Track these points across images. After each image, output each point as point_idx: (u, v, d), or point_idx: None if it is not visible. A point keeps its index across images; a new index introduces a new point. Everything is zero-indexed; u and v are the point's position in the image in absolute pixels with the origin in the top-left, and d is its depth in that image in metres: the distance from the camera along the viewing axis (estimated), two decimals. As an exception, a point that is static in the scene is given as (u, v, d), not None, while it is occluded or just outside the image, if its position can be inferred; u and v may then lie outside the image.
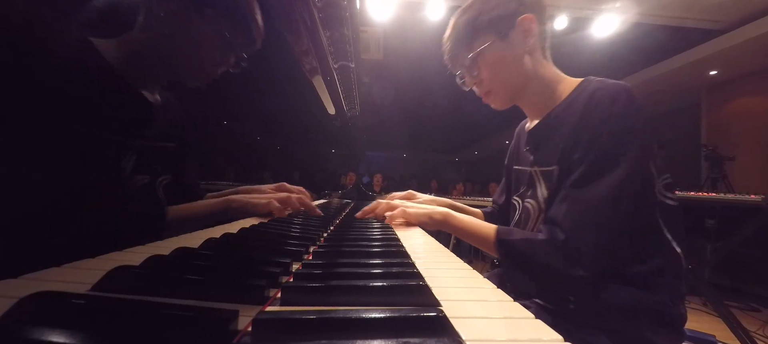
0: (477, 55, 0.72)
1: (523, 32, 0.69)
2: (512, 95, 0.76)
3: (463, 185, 6.70)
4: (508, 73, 0.72)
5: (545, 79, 0.73)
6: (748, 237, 2.47)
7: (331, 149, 10.69)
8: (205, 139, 7.94)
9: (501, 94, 0.76)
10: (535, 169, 0.73)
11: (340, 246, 0.49)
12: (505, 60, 0.71)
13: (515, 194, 0.82)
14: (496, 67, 0.72)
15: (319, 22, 0.68)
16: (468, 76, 0.77)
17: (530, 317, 0.27)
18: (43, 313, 0.19)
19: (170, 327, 0.20)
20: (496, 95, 0.76)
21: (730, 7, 3.04)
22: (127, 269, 0.28)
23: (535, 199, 0.73)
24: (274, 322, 0.20)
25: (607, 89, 0.61)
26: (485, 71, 0.73)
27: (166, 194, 0.78)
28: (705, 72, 4.09)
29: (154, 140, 0.73)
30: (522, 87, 0.74)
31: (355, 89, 1.23)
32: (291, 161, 10.43)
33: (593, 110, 0.61)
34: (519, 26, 0.69)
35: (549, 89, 0.72)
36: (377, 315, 0.21)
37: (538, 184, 0.72)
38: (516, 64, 0.71)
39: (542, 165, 0.71)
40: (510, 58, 0.71)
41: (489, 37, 0.71)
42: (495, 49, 0.71)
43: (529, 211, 0.75)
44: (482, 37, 0.71)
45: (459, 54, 0.76)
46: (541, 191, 0.72)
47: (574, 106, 0.66)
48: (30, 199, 0.49)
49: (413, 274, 0.34)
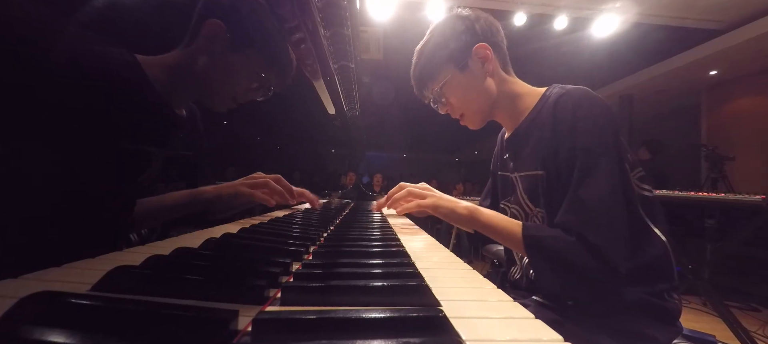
0: (442, 87, 0.77)
1: (480, 59, 0.74)
2: (483, 116, 0.80)
3: (463, 185, 6.70)
4: (475, 99, 0.77)
5: (512, 94, 0.77)
6: (748, 237, 2.46)
7: (331, 149, 10.69)
8: (205, 139, 7.91)
9: (473, 116, 0.80)
10: (516, 175, 0.77)
11: (340, 246, 0.49)
12: (468, 87, 0.76)
13: (503, 200, 0.85)
14: (462, 95, 0.77)
15: (319, 22, 0.68)
16: (439, 104, 0.82)
17: (530, 317, 0.27)
18: (43, 313, 0.19)
19: (170, 327, 0.20)
20: (468, 118, 0.81)
21: (730, 7, 3.04)
22: (127, 269, 0.28)
23: (517, 204, 0.77)
24: (274, 322, 0.20)
25: (569, 95, 0.66)
26: (453, 100, 0.78)
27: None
28: (705, 72, 4.09)
29: (175, 149, 0.75)
30: (491, 107, 0.78)
31: (355, 89, 1.23)
32: (291, 161, 10.42)
33: (562, 115, 0.64)
34: (475, 55, 0.74)
35: (517, 102, 0.77)
36: (377, 315, 0.21)
37: (517, 187, 0.76)
38: (480, 89, 0.75)
39: (521, 170, 0.75)
40: (473, 85, 0.75)
41: (450, 69, 0.75)
42: (457, 79, 0.75)
43: (515, 215, 0.78)
44: (444, 71, 0.76)
45: (426, 86, 0.80)
46: (520, 195, 0.75)
47: (543, 114, 0.70)
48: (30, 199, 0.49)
49: (413, 274, 0.34)
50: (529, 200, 0.73)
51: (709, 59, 3.74)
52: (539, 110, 0.72)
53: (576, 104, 0.64)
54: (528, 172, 0.72)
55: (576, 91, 0.66)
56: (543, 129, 0.68)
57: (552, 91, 0.71)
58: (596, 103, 0.64)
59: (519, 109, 0.77)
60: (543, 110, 0.70)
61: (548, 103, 0.69)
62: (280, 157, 11.02)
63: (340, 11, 0.73)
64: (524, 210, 0.75)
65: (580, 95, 0.65)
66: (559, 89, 0.69)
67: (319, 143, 10.18)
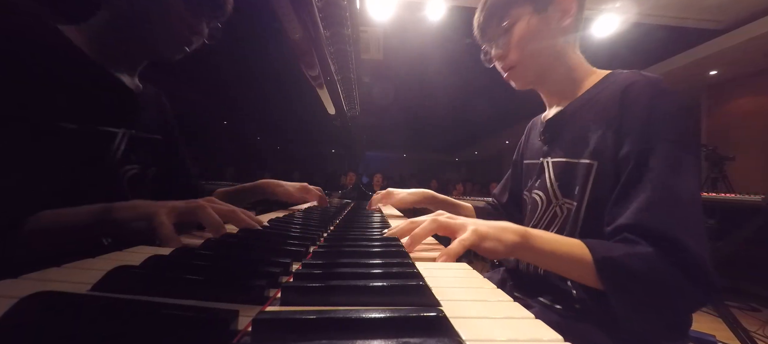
0: (510, 25, 0.69)
1: (562, 11, 0.67)
2: (537, 73, 0.73)
3: (463, 185, 6.70)
4: (538, 50, 0.69)
5: (572, 66, 0.70)
6: (748, 237, 2.46)
7: (331, 149, 10.70)
8: (205, 139, 7.95)
9: (526, 70, 0.72)
10: (548, 160, 0.71)
11: (340, 246, 0.49)
12: (538, 35, 0.68)
13: (525, 189, 0.80)
14: (528, 40, 0.69)
15: (319, 22, 0.68)
16: (495, 48, 0.73)
17: (530, 317, 0.27)
18: (43, 313, 0.19)
19: (170, 328, 0.20)
20: (520, 70, 0.72)
21: (730, 7, 3.04)
22: (127, 269, 0.28)
23: (543, 190, 0.70)
24: (274, 322, 0.20)
25: (647, 81, 0.58)
26: (515, 44, 0.70)
27: (156, 188, 0.72)
28: (705, 72, 4.09)
29: (144, 129, 0.70)
30: (548, 68, 0.71)
31: (355, 89, 1.23)
32: (291, 161, 10.43)
33: (635, 102, 0.56)
34: (558, 3, 0.67)
35: (574, 78, 0.70)
36: (377, 315, 0.21)
37: (547, 173, 0.70)
38: (548, 42, 0.68)
39: (557, 156, 0.69)
40: (543, 34, 0.68)
41: (526, 8, 0.68)
42: (530, 21, 0.68)
43: (536, 202, 0.72)
44: (519, 8, 0.68)
45: (491, 23, 0.72)
46: (548, 180, 0.69)
47: (601, 98, 0.63)
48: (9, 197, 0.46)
49: (413, 274, 0.34)
50: (558, 188, 0.67)
51: (709, 59, 3.74)
52: (597, 92, 0.65)
53: (655, 92, 0.56)
54: (567, 159, 0.65)
55: (653, 78, 0.58)
56: (602, 114, 0.61)
57: (618, 75, 0.64)
58: (677, 94, 0.56)
59: (571, 85, 0.70)
60: (602, 93, 0.63)
61: (611, 87, 0.62)
62: (280, 157, 11.03)
63: (340, 11, 0.73)
64: (548, 198, 0.69)
65: (659, 83, 0.57)
66: (628, 74, 0.62)
67: (319, 143, 10.19)
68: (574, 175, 0.63)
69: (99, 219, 0.49)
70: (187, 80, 5.18)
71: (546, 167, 0.71)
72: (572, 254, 0.52)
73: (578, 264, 0.51)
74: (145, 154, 0.71)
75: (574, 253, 0.52)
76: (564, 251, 0.52)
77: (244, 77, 5.06)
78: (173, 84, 5.13)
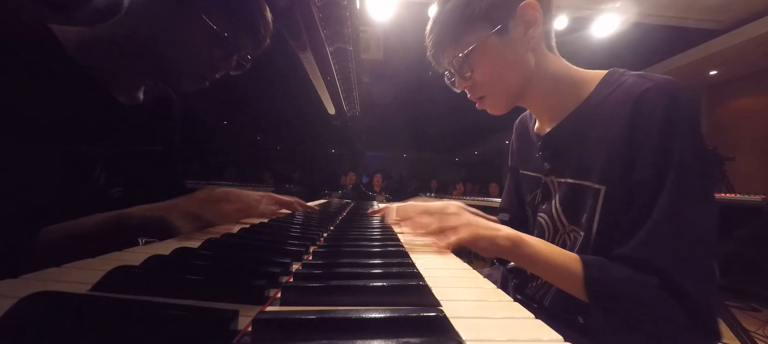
0: (469, 53, 0.59)
1: (526, 23, 0.57)
2: (512, 97, 0.64)
3: (463, 185, 6.70)
4: (507, 75, 0.60)
5: (556, 75, 0.61)
6: (748, 237, 2.46)
7: (331, 149, 10.69)
8: (205, 139, 7.95)
9: (498, 98, 0.64)
10: (552, 179, 0.64)
11: (340, 246, 0.49)
12: (503, 58, 0.59)
13: (527, 204, 0.73)
14: (493, 67, 0.60)
15: (319, 21, 0.68)
16: (458, 77, 0.64)
17: (530, 317, 0.27)
18: (43, 313, 0.19)
19: (170, 327, 0.20)
20: (492, 100, 0.64)
21: (730, 7, 3.04)
22: (127, 269, 0.28)
23: (548, 214, 0.64)
24: (274, 322, 0.20)
25: (661, 90, 0.49)
26: (479, 72, 0.60)
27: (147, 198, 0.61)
28: (705, 72, 4.09)
29: (140, 141, 0.64)
30: (525, 87, 0.62)
31: (355, 89, 1.23)
32: (291, 161, 10.43)
33: (650, 116, 0.49)
34: (520, 15, 0.56)
35: (563, 87, 0.61)
36: (377, 315, 0.21)
37: (554, 195, 0.63)
38: (516, 63, 0.59)
39: (564, 176, 0.61)
40: (509, 55, 0.58)
41: (483, 29, 0.57)
42: (490, 45, 0.58)
43: (543, 227, 0.65)
44: (475, 30, 0.58)
45: (446, 50, 0.63)
46: (555, 204, 0.62)
47: (606, 107, 0.55)
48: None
49: (413, 274, 0.34)
50: (563, 214, 0.60)
51: (709, 59, 3.74)
52: (601, 101, 0.56)
53: (669, 103, 0.48)
54: (575, 180, 0.58)
55: (666, 84, 0.50)
56: (611, 130, 0.52)
57: (621, 78, 0.55)
58: (692, 102, 0.49)
59: (563, 96, 0.61)
60: (608, 101, 0.55)
61: (619, 95, 0.54)
62: (280, 157, 11.02)
63: (340, 11, 0.73)
64: (554, 224, 0.62)
65: (672, 91, 0.49)
66: (637, 79, 0.52)
67: (319, 143, 10.19)
68: (582, 200, 0.56)
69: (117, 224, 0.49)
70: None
71: (551, 186, 0.64)
72: (563, 265, 0.50)
73: (567, 275, 0.50)
74: (134, 170, 0.65)
75: (566, 265, 0.50)
76: (554, 261, 0.51)
77: (244, 77, 5.05)
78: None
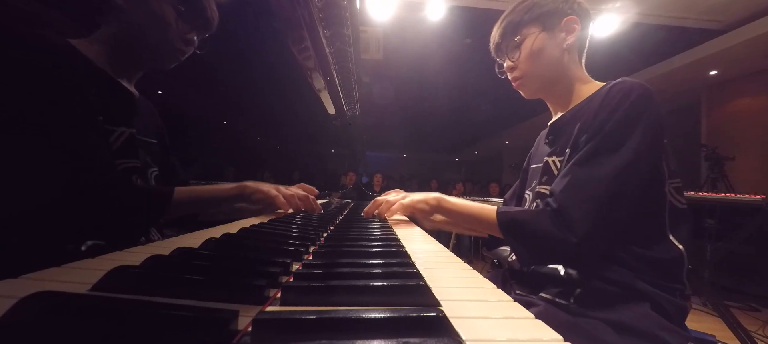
0: (520, 42, 0.79)
1: (567, 31, 0.77)
2: (542, 85, 0.82)
3: (463, 185, 6.70)
4: (544, 64, 0.78)
5: (574, 79, 0.79)
6: (748, 237, 2.47)
7: (331, 149, 10.70)
8: (205, 139, 7.94)
9: (532, 82, 0.81)
10: (553, 159, 0.78)
11: (340, 246, 0.49)
12: (543, 51, 0.77)
13: (528, 188, 0.85)
14: (536, 55, 0.78)
15: (319, 22, 0.68)
16: (507, 60, 0.83)
17: (530, 317, 0.27)
18: (43, 313, 0.19)
19: (170, 327, 0.20)
20: (527, 82, 0.82)
21: (730, 7, 3.04)
22: (127, 269, 0.28)
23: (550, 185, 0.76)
24: (274, 322, 0.20)
25: (624, 83, 0.66)
26: (524, 58, 0.79)
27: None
28: (705, 72, 4.09)
29: (142, 132, 0.77)
30: (553, 81, 0.80)
31: (355, 89, 1.23)
32: (291, 161, 10.42)
33: (608, 101, 0.65)
34: (564, 25, 0.77)
35: (575, 88, 0.79)
36: (377, 315, 0.21)
37: (555, 173, 0.76)
38: (553, 58, 0.78)
39: (558, 155, 0.76)
40: (549, 50, 0.77)
41: (536, 27, 0.78)
42: (538, 38, 0.77)
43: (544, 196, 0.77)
44: (530, 27, 0.78)
45: (505, 39, 0.82)
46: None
47: (593, 102, 0.71)
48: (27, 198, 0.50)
49: (413, 274, 0.34)
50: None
51: (709, 59, 3.74)
52: (591, 97, 0.74)
53: (628, 93, 0.64)
54: (561, 157, 0.74)
55: (632, 82, 0.66)
56: (587, 114, 0.69)
57: (613, 80, 0.72)
58: (645, 98, 0.63)
59: (574, 95, 0.79)
60: (594, 97, 0.72)
61: (602, 91, 0.70)
62: (280, 157, 11.02)
63: (340, 11, 0.73)
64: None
65: (633, 86, 0.65)
66: (617, 80, 0.70)
67: (319, 143, 10.19)
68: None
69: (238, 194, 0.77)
70: (188, 81, 5.18)
71: (552, 165, 0.77)
72: (479, 213, 0.72)
73: (483, 219, 0.70)
74: (143, 154, 0.78)
75: (481, 212, 0.71)
76: (471, 211, 0.74)
77: (244, 77, 5.06)
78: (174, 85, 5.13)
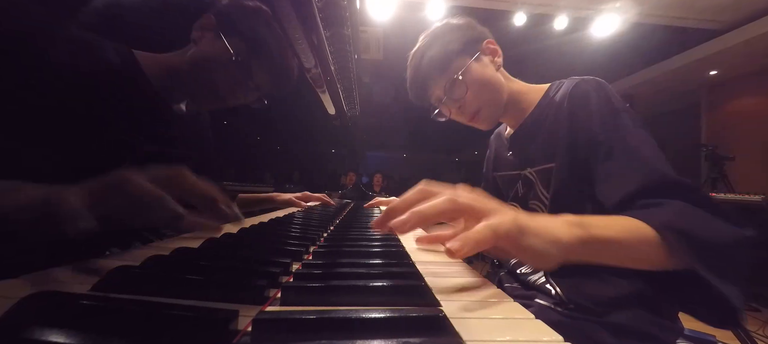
0: (456, 80, 0.73)
1: (491, 52, 0.76)
2: (499, 111, 0.77)
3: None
4: (492, 89, 0.75)
5: (518, 92, 0.78)
6: (748, 237, 2.46)
7: (331, 149, 10.68)
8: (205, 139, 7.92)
9: (491, 109, 0.77)
10: (528, 171, 0.76)
11: (340, 246, 0.49)
12: (485, 77, 0.74)
13: (510, 200, 0.83)
14: (480, 85, 0.74)
15: (319, 22, 0.68)
16: (449, 103, 0.76)
17: (530, 317, 0.27)
18: (43, 313, 0.19)
19: (170, 327, 0.20)
20: (486, 112, 0.77)
21: (730, 7, 3.04)
22: (127, 269, 0.28)
23: (538, 200, 0.75)
24: (274, 322, 0.20)
25: (585, 83, 0.66)
26: (469, 92, 0.74)
27: None
28: (705, 72, 4.09)
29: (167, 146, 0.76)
30: (504, 102, 0.76)
31: (355, 89, 1.23)
32: (291, 161, 10.41)
33: (579, 104, 0.64)
34: (485, 48, 0.75)
35: (520, 99, 0.77)
36: (377, 315, 0.21)
37: (536, 184, 0.75)
38: (495, 80, 0.75)
39: (535, 165, 0.74)
40: (488, 75, 0.74)
41: (464, 59, 0.73)
42: (474, 68, 0.74)
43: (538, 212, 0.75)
44: (458, 61, 0.74)
45: (434, 85, 0.77)
46: (540, 191, 0.74)
47: (551, 107, 0.70)
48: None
49: (413, 274, 0.34)
50: (547, 194, 0.72)
51: (709, 59, 3.74)
52: (546, 104, 0.73)
53: (598, 87, 0.64)
54: (542, 166, 0.72)
55: (591, 80, 0.66)
56: (554, 122, 0.68)
57: (560, 85, 0.72)
58: (612, 91, 0.64)
59: (522, 106, 0.78)
60: (551, 103, 0.71)
61: (557, 95, 0.70)
62: (280, 157, 11.02)
63: (340, 11, 0.73)
64: (546, 206, 0.73)
65: (596, 80, 0.66)
66: (569, 82, 0.70)
67: (319, 143, 10.18)
68: (549, 179, 0.69)
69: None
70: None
71: (530, 176, 0.76)
72: (635, 231, 0.44)
73: (641, 238, 0.43)
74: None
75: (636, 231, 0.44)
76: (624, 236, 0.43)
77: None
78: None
